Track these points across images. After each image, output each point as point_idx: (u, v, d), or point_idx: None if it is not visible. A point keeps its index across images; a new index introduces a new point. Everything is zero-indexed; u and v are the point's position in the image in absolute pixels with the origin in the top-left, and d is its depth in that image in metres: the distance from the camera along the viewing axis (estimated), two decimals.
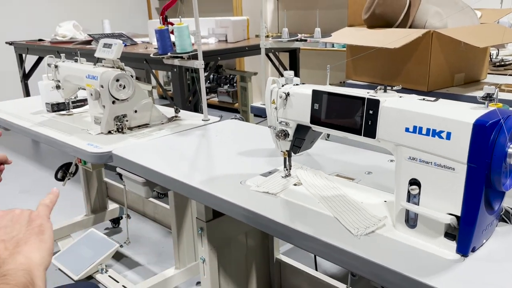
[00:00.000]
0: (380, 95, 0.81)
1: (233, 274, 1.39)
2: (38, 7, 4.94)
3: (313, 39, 1.73)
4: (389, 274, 0.71)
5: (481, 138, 0.67)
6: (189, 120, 1.66)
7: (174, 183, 1.12)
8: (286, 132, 1.00)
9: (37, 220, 0.73)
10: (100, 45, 1.61)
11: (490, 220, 0.75)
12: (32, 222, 0.73)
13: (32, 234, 0.71)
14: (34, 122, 1.72)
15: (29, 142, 4.29)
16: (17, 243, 0.69)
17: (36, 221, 0.73)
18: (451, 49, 1.80)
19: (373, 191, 0.98)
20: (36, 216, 0.74)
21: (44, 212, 0.76)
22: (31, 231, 0.71)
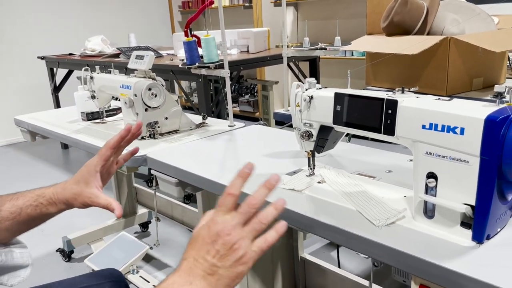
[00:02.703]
0: (398, 96, 0.88)
1: (260, 271, 1.45)
2: (68, 24, 5.17)
3: (333, 47, 1.81)
4: (410, 260, 0.77)
5: (492, 132, 0.73)
6: (215, 126, 1.75)
7: (205, 182, 1.20)
8: (310, 133, 1.07)
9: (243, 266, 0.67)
10: (133, 57, 1.72)
11: (503, 209, 0.80)
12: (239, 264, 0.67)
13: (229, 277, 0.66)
14: (72, 130, 1.84)
15: (59, 151, 4.47)
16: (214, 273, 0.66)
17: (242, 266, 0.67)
18: (469, 55, 1.84)
19: (393, 187, 1.04)
20: (246, 260, 0.67)
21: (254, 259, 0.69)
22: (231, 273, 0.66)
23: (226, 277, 0.66)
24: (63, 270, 2.24)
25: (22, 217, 0.89)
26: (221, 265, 0.66)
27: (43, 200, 0.91)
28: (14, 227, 0.90)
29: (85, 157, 4.40)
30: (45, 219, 0.93)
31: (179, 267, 0.68)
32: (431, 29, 1.91)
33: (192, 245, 0.70)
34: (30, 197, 0.91)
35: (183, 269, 0.67)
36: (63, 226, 2.36)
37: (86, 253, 2.28)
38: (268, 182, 0.73)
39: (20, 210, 0.89)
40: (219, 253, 0.67)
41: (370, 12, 2.18)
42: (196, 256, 0.68)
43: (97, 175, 0.94)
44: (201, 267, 0.66)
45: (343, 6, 4.51)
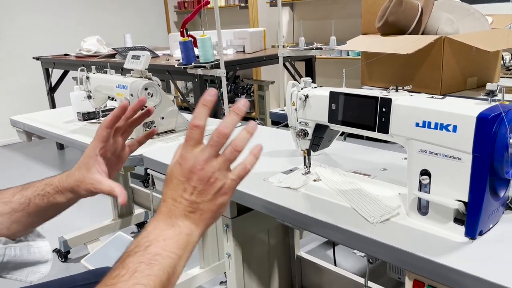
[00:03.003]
0: (392, 94, 0.89)
1: (256, 269, 1.46)
2: (63, 24, 5.16)
3: (329, 47, 1.82)
4: (404, 255, 0.78)
5: (484, 129, 0.74)
6: (212, 126, 1.74)
7: None
8: (305, 132, 1.08)
9: (224, 197, 0.66)
10: (129, 57, 1.72)
11: (495, 206, 0.81)
12: (219, 196, 0.66)
13: (211, 210, 0.66)
14: (68, 130, 1.84)
15: (55, 151, 4.46)
16: (194, 210, 0.65)
17: (222, 197, 0.66)
18: (463, 54, 1.86)
19: (388, 185, 1.05)
20: (226, 190, 0.67)
21: (233, 187, 0.68)
22: (212, 205, 0.66)
23: (208, 211, 0.66)
24: (60, 270, 2.24)
25: (31, 208, 0.86)
26: (200, 201, 0.65)
27: (50, 189, 0.86)
28: (24, 219, 0.86)
29: (80, 157, 4.38)
30: (56, 210, 0.89)
31: (159, 210, 0.66)
32: (425, 29, 1.93)
33: (168, 185, 0.67)
34: (38, 186, 0.88)
35: (162, 211, 0.66)
36: (59, 226, 2.36)
37: (82, 253, 2.28)
38: (236, 107, 0.69)
39: (28, 200, 0.86)
40: (196, 189, 0.65)
41: (365, 12, 2.20)
42: (174, 196, 0.66)
43: (98, 158, 0.86)
44: (181, 207, 0.65)
45: (339, 6, 4.53)
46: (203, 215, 0.66)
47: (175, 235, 0.63)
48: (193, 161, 0.65)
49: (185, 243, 0.63)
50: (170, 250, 0.61)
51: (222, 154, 0.67)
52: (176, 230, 0.64)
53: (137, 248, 0.61)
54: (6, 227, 0.85)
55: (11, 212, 0.85)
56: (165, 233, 0.63)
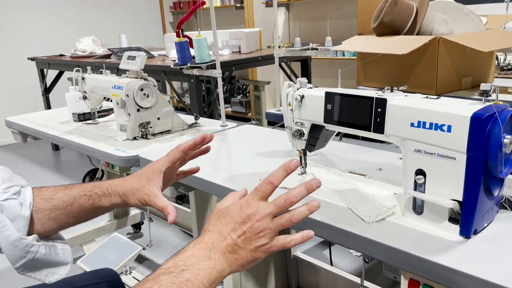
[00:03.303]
0: (387, 95, 0.90)
1: (252, 269, 1.46)
2: (58, 24, 5.14)
3: (324, 47, 1.82)
4: (399, 255, 0.79)
5: (478, 129, 0.74)
6: (208, 126, 1.76)
7: (198, 181, 1.21)
8: (301, 132, 1.09)
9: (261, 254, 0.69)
10: (124, 58, 1.72)
11: (490, 205, 0.82)
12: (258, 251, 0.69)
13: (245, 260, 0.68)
14: (63, 131, 1.83)
15: (50, 152, 4.45)
16: (234, 252, 0.68)
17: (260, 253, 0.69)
18: (458, 54, 1.87)
19: (383, 185, 1.06)
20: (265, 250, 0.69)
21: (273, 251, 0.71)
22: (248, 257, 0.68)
23: (244, 259, 0.68)
24: None
25: (74, 208, 0.88)
26: (243, 247, 0.68)
27: (98, 191, 0.89)
28: (63, 218, 0.88)
29: (76, 158, 4.39)
30: (96, 213, 0.91)
31: (201, 239, 0.69)
32: (420, 29, 1.94)
33: (219, 219, 0.71)
34: (85, 187, 0.90)
35: (205, 241, 0.69)
36: None
37: (78, 254, 2.27)
38: (309, 184, 0.74)
39: (73, 199, 0.88)
40: (245, 235, 0.68)
41: (361, 12, 2.21)
42: (222, 231, 0.69)
43: (161, 175, 0.90)
44: (224, 243, 0.68)
45: (334, 7, 4.54)
46: (239, 260, 0.69)
47: (209, 268, 0.66)
48: (255, 210, 0.70)
49: (214, 278, 0.66)
50: (201, 281, 0.64)
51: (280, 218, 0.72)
52: (211, 264, 0.66)
53: (172, 269, 0.64)
54: (41, 223, 0.86)
55: (52, 209, 0.87)
56: (201, 263, 0.66)
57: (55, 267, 0.86)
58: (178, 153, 0.93)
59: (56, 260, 0.86)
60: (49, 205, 0.87)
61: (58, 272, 0.87)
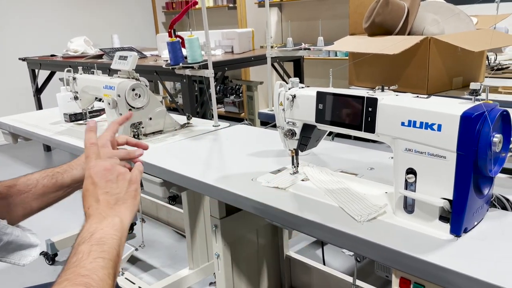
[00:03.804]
0: (378, 94, 0.90)
1: (245, 269, 1.46)
2: (50, 24, 5.10)
3: (317, 47, 1.83)
4: (390, 253, 0.79)
5: (467, 128, 0.75)
6: (200, 126, 1.75)
7: (190, 182, 1.21)
8: (293, 131, 1.09)
9: (135, 184, 0.79)
10: (116, 58, 1.71)
11: (480, 203, 0.83)
12: (131, 184, 0.79)
13: (130, 197, 0.77)
14: (54, 132, 1.82)
15: (41, 153, 4.41)
16: (117, 201, 0.75)
17: (134, 184, 0.79)
18: (449, 54, 1.88)
19: (375, 184, 1.06)
20: (135, 179, 0.80)
21: (139, 177, 0.82)
22: (129, 193, 0.77)
23: (128, 198, 0.77)
24: (47, 273, 2.21)
25: (38, 189, 0.93)
26: (119, 191, 0.77)
27: (60, 170, 0.97)
28: (28, 202, 0.92)
29: (68, 159, 4.33)
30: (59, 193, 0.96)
31: (87, 216, 0.74)
32: (411, 29, 1.95)
33: (86, 195, 0.76)
34: (47, 170, 0.97)
35: (92, 214, 0.74)
36: (46, 228, 2.34)
37: None
38: None
39: (36, 181, 0.94)
40: (112, 182, 0.76)
41: (352, 12, 2.21)
42: (95, 197, 0.75)
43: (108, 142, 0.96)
44: (104, 202, 0.75)
45: (327, 7, 4.56)
46: (125, 203, 0.77)
47: (110, 222, 0.72)
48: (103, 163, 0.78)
49: (120, 227, 0.72)
50: (111, 233, 0.70)
51: None
52: (108, 219, 0.72)
53: (83, 239, 0.68)
54: (7, 211, 0.90)
55: (17, 193, 0.92)
56: (101, 224, 0.71)
57: (26, 249, 0.89)
58: (115, 125, 1.02)
59: (28, 242, 0.89)
60: (14, 191, 0.92)
61: (31, 254, 0.90)
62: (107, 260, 0.65)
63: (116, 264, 0.67)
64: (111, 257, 0.66)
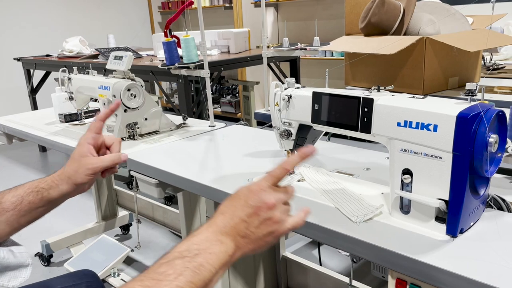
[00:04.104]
0: (374, 95, 0.90)
1: (241, 270, 1.46)
2: (45, 24, 5.08)
3: (313, 47, 1.82)
4: (386, 254, 0.79)
5: (463, 128, 0.75)
6: (196, 127, 1.75)
7: (186, 182, 1.20)
8: (289, 132, 1.08)
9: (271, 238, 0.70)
10: (111, 58, 1.70)
11: (476, 204, 0.82)
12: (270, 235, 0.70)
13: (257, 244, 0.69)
14: (49, 132, 1.81)
15: (37, 154, 4.39)
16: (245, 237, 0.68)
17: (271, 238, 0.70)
18: (444, 54, 1.88)
19: (371, 184, 1.06)
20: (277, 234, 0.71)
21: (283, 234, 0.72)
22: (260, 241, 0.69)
23: (254, 244, 0.69)
24: (42, 274, 2.20)
25: (24, 206, 0.89)
26: (255, 231, 0.69)
27: (44, 185, 0.91)
28: (14, 219, 0.88)
29: (64, 160, 4.33)
30: (47, 208, 0.92)
31: (213, 221, 0.69)
32: (407, 29, 1.95)
33: (232, 202, 0.71)
34: (30, 184, 0.92)
35: (217, 224, 0.69)
36: (41, 229, 2.32)
37: (65, 257, 2.25)
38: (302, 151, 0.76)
39: (21, 198, 0.89)
40: (258, 220, 0.69)
41: (349, 12, 2.21)
42: (235, 215, 0.69)
43: (90, 146, 0.93)
44: (236, 227, 0.68)
45: (323, 7, 4.56)
46: (249, 244, 0.69)
47: (221, 252, 0.66)
48: (270, 196, 0.70)
49: (225, 262, 0.67)
50: (212, 265, 0.64)
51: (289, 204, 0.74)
52: (223, 248, 0.67)
53: (186, 253, 0.64)
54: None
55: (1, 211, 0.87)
56: (213, 247, 0.66)
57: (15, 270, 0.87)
58: (98, 122, 0.97)
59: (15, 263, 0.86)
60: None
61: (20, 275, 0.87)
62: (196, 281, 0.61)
63: None
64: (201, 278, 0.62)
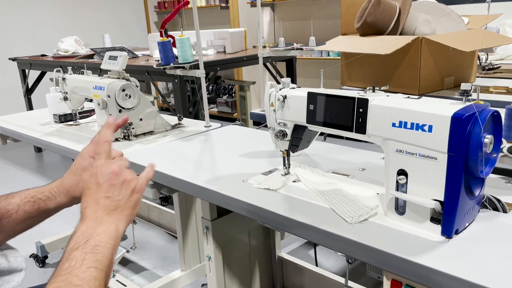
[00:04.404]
0: (369, 95, 0.89)
1: (237, 271, 1.45)
2: (40, 24, 5.06)
3: (308, 47, 1.82)
4: (381, 255, 0.79)
5: (458, 129, 0.74)
6: (192, 127, 1.74)
7: (181, 183, 1.20)
8: (284, 132, 1.08)
9: (137, 194, 0.77)
10: (106, 58, 1.69)
11: (471, 204, 0.82)
12: (133, 193, 0.76)
13: (129, 206, 0.75)
14: (44, 133, 1.80)
15: (32, 155, 4.37)
16: (116, 208, 0.73)
17: (136, 194, 0.77)
18: (440, 54, 1.88)
19: (366, 185, 1.06)
20: (139, 189, 0.78)
21: (144, 186, 0.79)
22: (130, 202, 0.75)
23: (127, 207, 0.75)
24: (37, 276, 2.19)
25: (20, 215, 0.89)
26: (120, 198, 0.75)
27: (41, 196, 0.91)
28: (10, 227, 0.88)
29: (60, 160, 4.32)
30: (42, 218, 0.92)
31: (83, 216, 0.72)
32: (403, 29, 1.95)
33: (87, 192, 0.75)
34: (27, 194, 0.91)
35: (88, 215, 0.72)
36: (36, 230, 2.29)
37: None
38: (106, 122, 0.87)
39: (17, 207, 0.89)
40: (116, 187, 0.75)
41: (344, 12, 2.21)
42: (96, 199, 0.73)
43: (92, 160, 0.92)
44: (103, 206, 0.73)
45: (319, 7, 4.56)
46: (123, 211, 0.75)
47: (106, 229, 0.70)
48: (113, 165, 0.76)
49: (114, 236, 0.71)
50: (106, 241, 0.69)
51: None
52: (105, 226, 0.71)
53: (77, 244, 0.66)
54: None
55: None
56: (97, 230, 0.70)
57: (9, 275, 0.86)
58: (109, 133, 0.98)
59: (9, 268, 0.86)
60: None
61: (14, 280, 0.87)
62: (100, 270, 0.64)
63: (108, 274, 0.66)
64: (103, 267, 0.65)
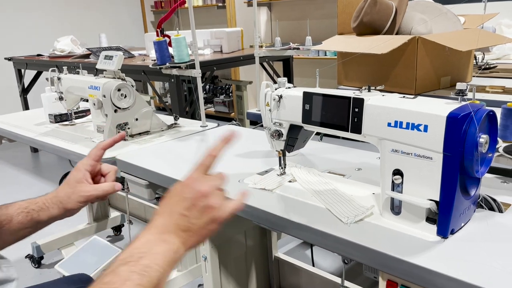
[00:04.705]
0: (365, 95, 0.89)
1: (233, 272, 1.44)
2: (36, 23, 5.03)
3: (305, 47, 1.81)
4: (377, 256, 0.78)
5: (454, 129, 0.74)
6: (188, 127, 1.73)
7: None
8: (280, 132, 1.07)
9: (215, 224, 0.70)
10: (102, 57, 1.69)
11: (466, 204, 0.82)
12: (212, 223, 0.69)
13: (201, 234, 0.69)
14: (39, 133, 1.79)
15: (29, 155, 4.35)
16: (187, 230, 0.68)
17: (214, 224, 0.70)
18: (436, 54, 1.88)
19: (362, 185, 1.05)
20: (219, 219, 0.70)
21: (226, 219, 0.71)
22: (203, 230, 0.69)
23: (198, 234, 0.69)
24: (33, 277, 2.18)
25: (13, 225, 0.88)
26: (196, 222, 0.68)
27: (35, 207, 0.91)
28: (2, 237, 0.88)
29: (56, 160, 4.30)
30: (35, 228, 0.92)
31: (153, 223, 0.69)
32: (399, 29, 1.95)
33: (168, 200, 0.70)
34: (20, 205, 0.91)
35: (156, 225, 0.68)
36: None
37: (56, 258, 2.22)
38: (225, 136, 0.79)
39: (11, 217, 0.88)
40: (197, 210, 0.68)
41: (341, 12, 2.21)
42: (173, 211, 0.69)
43: (87, 173, 0.92)
44: (176, 223, 0.68)
45: (316, 7, 4.55)
46: (193, 237, 0.69)
47: (165, 251, 0.65)
48: (205, 184, 0.70)
49: (171, 260, 0.66)
50: (159, 264, 0.63)
51: None
52: (166, 246, 0.66)
53: (129, 258, 0.62)
54: None
55: None
56: (156, 248, 0.65)
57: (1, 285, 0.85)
58: (98, 150, 0.96)
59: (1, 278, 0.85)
60: None
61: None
62: None
63: None
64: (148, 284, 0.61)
